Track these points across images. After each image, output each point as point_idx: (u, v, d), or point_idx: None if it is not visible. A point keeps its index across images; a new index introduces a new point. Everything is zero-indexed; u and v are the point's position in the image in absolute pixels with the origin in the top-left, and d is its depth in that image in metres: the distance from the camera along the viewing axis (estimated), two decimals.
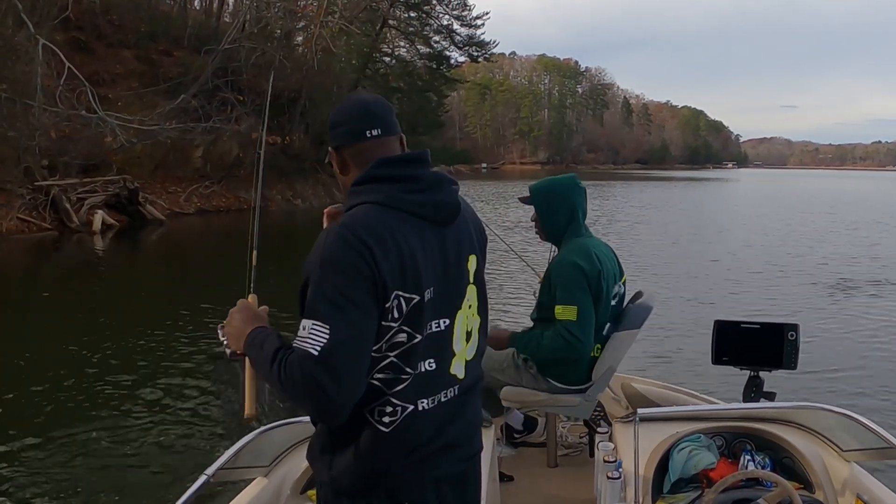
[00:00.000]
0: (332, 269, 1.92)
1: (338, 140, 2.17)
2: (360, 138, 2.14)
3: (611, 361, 4.01)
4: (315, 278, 1.93)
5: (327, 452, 2.10)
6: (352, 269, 1.92)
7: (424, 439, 2.10)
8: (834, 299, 13.67)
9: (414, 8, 45.51)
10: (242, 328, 2.12)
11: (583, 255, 3.95)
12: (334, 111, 2.23)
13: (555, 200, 4.13)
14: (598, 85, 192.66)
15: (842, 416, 3.31)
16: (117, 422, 7.09)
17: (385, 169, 2.09)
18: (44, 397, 7.75)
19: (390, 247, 1.96)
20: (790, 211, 38.42)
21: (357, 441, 2.05)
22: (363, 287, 1.92)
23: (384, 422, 2.04)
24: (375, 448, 2.05)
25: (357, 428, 2.04)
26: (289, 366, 1.89)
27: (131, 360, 9.10)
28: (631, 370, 5.13)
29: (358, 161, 2.13)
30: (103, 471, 6.04)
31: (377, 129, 2.14)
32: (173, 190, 30.21)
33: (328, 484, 2.12)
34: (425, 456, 2.11)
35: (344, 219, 2.01)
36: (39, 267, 18.38)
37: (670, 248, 21.58)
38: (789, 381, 5.62)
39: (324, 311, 1.89)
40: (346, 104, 2.23)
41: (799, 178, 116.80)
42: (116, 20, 32.65)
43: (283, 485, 3.47)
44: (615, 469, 3.36)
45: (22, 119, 23.15)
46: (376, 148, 2.13)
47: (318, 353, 1.85)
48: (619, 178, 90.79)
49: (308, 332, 1.88)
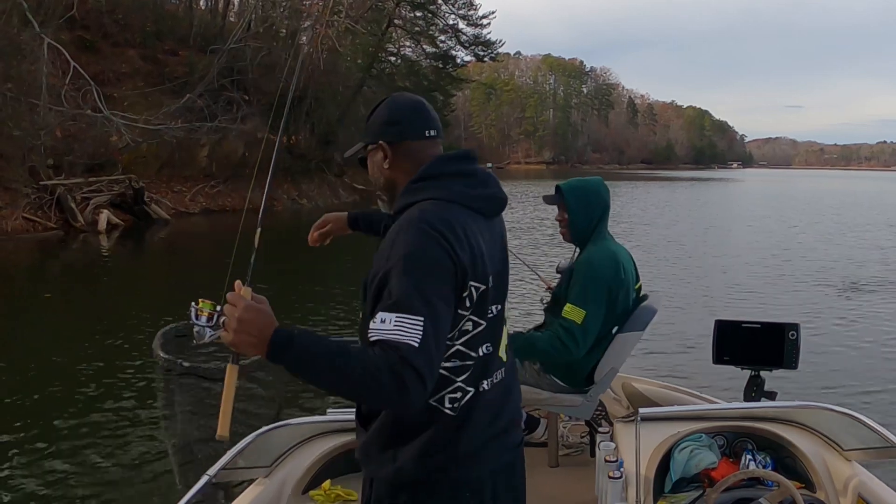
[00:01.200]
0: (417, 263, 1.96)
1: (392, 135, 2.25)
2: (419, 137, 2.26)
3: (614, 362, 4.01)
4: (399, 272, 1.95)
5: (391, 447, 2.13)
6: (436, 262, 1.99)
7: (485, 421, 2.19)
8: (835, 299, 13.68)
9: (420, 7, 45.44)
10: (265, 330, 1.87)
11: (610, 264, 3.98)
12: (387, 108, 2.30)
13: (592, 199, 4.11)
14: (603, 85, 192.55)
15: (843, 416, 3.31)
16: (120, 422, 7.09)
17: (447, 166, 2.22)
18: (45, 397, 7.78)
19: (464, 240, 2.04)
20: (793, 212, 38.35)
21: (425, 431, 2.11)
22: (447, 280, 2.00)
23: (452, 407, 2.12)
24: (444, 434, 2.12)
25: (425, 417, 2.10)
26: (372, 359, 1.83)
27: (134, 361, 9.10)
28: (632, 370, 5.13)
29: (410, 158, 2.24)
30: (106, 471, 6.04)
31: (434, 129, 2.28)
32: (179, 189, 30.21)
33: (389, 479, 2.15)
34: (484, 441, 2.18)
35: (419, 214, 2.06)
36: (44, 266, 18.41)
37: (673, 248, 21.55)
38: (790, 380, 5.61)
39: (414, 304, 1.90)
40: (401, 102, 2.32)
41: (804, 179, 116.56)
42: (122, 19, 32.66)
43: (284, 485, 3.48)
44: (616, 469, 3.35)
45: (27, 118, 23.15)
46: (430, 147, 2.27)
47: (420, 345, 1.86)
48: (624, 178, 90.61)
49: (396, 324, 1.88)
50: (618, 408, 4.77)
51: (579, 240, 4.16)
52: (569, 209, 4.11)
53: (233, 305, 1.89)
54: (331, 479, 3.61)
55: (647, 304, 4.16)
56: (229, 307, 1.89)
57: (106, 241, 22.04)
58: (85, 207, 23.66)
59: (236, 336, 1.86)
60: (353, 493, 3.57)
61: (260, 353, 1.86)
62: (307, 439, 3.64)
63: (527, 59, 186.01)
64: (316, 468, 3.59)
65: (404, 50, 49.11)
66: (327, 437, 3.69)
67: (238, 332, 1.86)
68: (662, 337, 9.83)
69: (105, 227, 23.39)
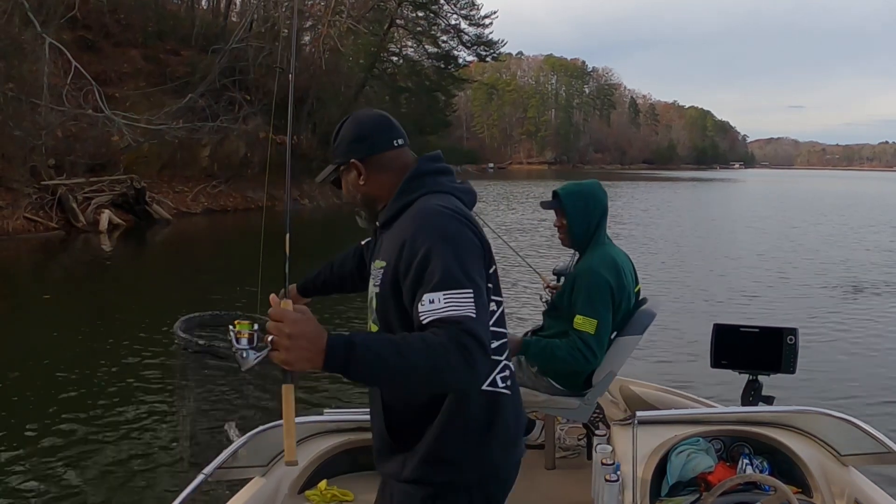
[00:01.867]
0: (454, 244, 2.03)
1: (362, 151, 2.31)
2: (389, 147, 2.32)
3: (612, 366, 4.01)
4: (438, 253, 1.99)
5: (473, 446, 2.18)
6: (470, 242, 2.08)
7: (520, 401, 2.36)
8: (835, 303, 13.64)
9: (422, 7, 45.42)
10: (317, 341, 1.78)
11: (611, 270, 3.96)
12: (352, 126, 2.36)
13: (590, 203, 4.09)
14: (605, 85, 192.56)
15: (840, 421, 3.31)
16: (120, 422, 7.09)
17: (431, 164, 2.31)
18: (46, 398, 7.76)
19: (476, 223, 2.18)
20: (795, 213, 38.32)
21: (497, 416, 2.21)
22: (480, 258, 2.09)
23: (506, 385, 2.24)
24: (509, 414, 2.25)
25: (487, 402, 2.19)
26: (435, 338, 1.83)
27: (137, 361, 9.11)
28: (630, 373, 5.13)
29: (384, 169, 2.30)
30: (103, 470, 6.03)
31: (401, 138, 2.35)
32: (180, 189, 30.23)
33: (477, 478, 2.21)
34: (518, 421, 2.33)
35: (435, 203, 2.15)
36: (46, 267, 18.40)
37: (673, 250, 21.51)
38: (788, 385, 5.61)
39: (460, 279, 1.95)
40: (365, 118, 2.38)
41: (805, 179, 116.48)
42: (123, 19, 32.72)
43: (280, 484, 3.49)
44: (613, 472, 3.35)
45: (28, 118, 23.18)
46: (401, 156, 2.33)
47: (476, 315, 1.90)
48: (626, 179, 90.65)
49: (446, 301, 1.90)
50: (615, 411, 4.77)
51: (578, 244, 4.15)
52: (567, 214, 4.10)
53: (278, 322, 1.79)
54: (327, 480, 3.62)
55: (646, 308, 4.15)
56: (275, 325, 1.79)
57: (107, 242, 22.02)
58: (86, 207, 23.66)
59: (290, 354, 1.77)
60: (348, 493, 3.57)
61: (317, 366, 1.78)
62: (304, 439, 3.64)
63: (529, 59, 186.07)
64: (312, 468, 3.59)
65: (406, 50, 49.12)
66: (324, 437, 3.70)
67: (291, 350, 1.77)
68: (661, 340, 9.82)
69: (106, 228, 23.37)
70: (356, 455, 3.65)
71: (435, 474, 2.18)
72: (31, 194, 22.67)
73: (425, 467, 2.18)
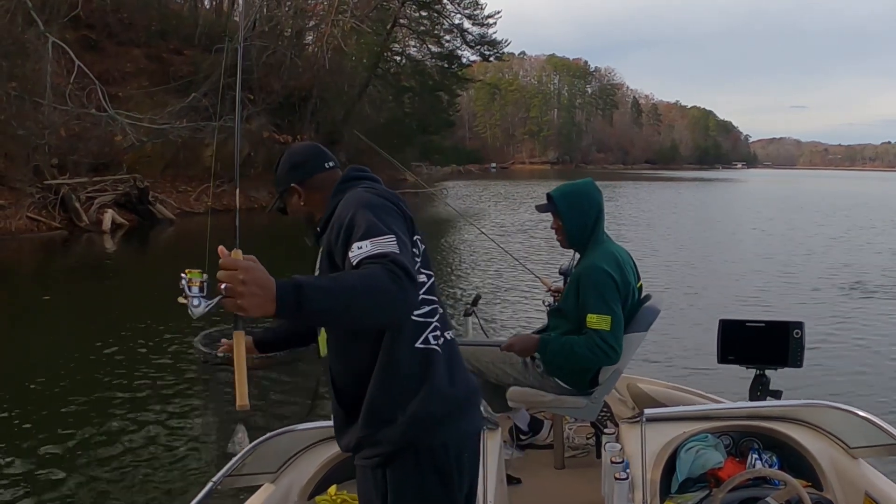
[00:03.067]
0: (373, 206, 2.23)
1: (301, 175, 2.63)
2: (322, 169, 2.64)
3: (618, 363, 4.00)
4: (361, 214, 2.18)
5: (406, 402, 2.29)
6: (387, 205, 2.31)
7: (463, 368, 2.48)
8: (841, 299, 13.65)
9: (425, 7, 45.38)
10: (269, 286, 1.81)
11: (613, 264, 3.95)
12: (287, 157, 2.69)
13: (584, 203, 4.08)
14: (607, 85, 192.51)
15: (849, 414, 3.29)
16: (125, 425, 7.07)
17: (358, 173, 2.58)
18: (48, 399, 7.76)
19: (400, 201, 2.39)
20: (798, 213, 38.26)
21: (430, 369, 2.32)
22: (399, 218, 2.29)
23: (437, 344, 2.36)
24: (443, 368, 2.36)
25: (420, 359, 2.32)
26: (366, 270, 1.96)
27: (141, 361, 9.10)
28: (636, 371, 5.12)
29: (320, 189, 2.59)
30: (109, 476, 6.01)
31: (332, 161, 2.68)
32: (183, 189, 30.23)
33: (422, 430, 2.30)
34: (468, 393, 2.45)
35: (351, 194, 2.36)
36: (48, 266, 18.42)
37: (677, 249, 21.49)
38: (795, 379, 5.60)
39: (381, 228, 2.12)
40: (298, 149, 2.73)
41: (808, 179, 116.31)
42: (127, 18, 32.73)
43: (290, 491, 3.48)
44: (622, 470, 3.35)
45: (31, 117, 23.20)
46: (333, 176, 2.62)
47: (400, 250, 2.05)
48: (628, 179, 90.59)
49: (372, 244, 2.05)
50: (623, 409, 4.77)
51: (577, 245, 4.15)
52: (562, 216, 4.09)
53: (231, 269, 1.80)
54: (337, 485, 3.60)
55: (650, 304, 4.14)
56: (227, 273, 1.80)
57: (110, 241, 22.06)
58: (89, 207, 23.70)
59: (245, 300, 1.78)
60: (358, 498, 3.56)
61: (268, 312, 1.81)
62: (313, 444, 3.62)
63: (531, 59, 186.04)
64: (322, 473, 3.58)
65: (409, 49, 49.11)
66: (333, 443, 3.66)
67: (246, 296, 1.78)
68: (667, 337, 9.82)
69: (109, 227, 23.43)
70: None
71: (375, 435, 2.30)
72: (34, 194, 22.71)
73: (366, 429, 2.31)
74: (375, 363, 2.28)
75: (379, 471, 2.32)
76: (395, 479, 2.31)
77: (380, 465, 2.31)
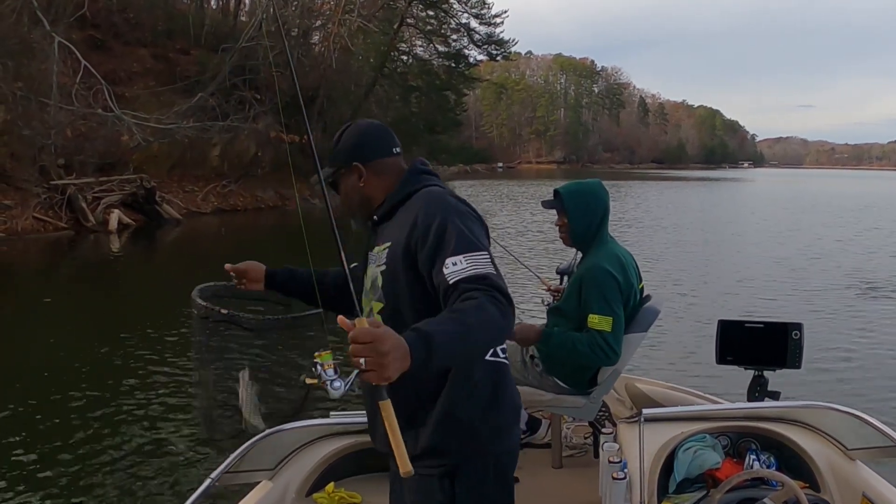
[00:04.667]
0: (463, 216, 2.27)
1: (368, 155, 2.53)
2: (389, 154, 2.55)
3: (617, 363, 4.00)
4: (453, 223, 2.21)
5: (481, 417, 2.34)
6: (472, 213, 2.33)
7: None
8: (841, 300, 13.63)
9: (432, 6, 45.25)
10: (402, 347, 1.79)
11: (616, 265, 3.95)
12: (355, 133, 2.58)
13: (591, 202, 4.07)
14: (614, 84, 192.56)
15: (847, 415, 3.29)
16: (126, 421, 7.12)
17: (426, 167, 2.56)
18: (49, 400, 7.77)
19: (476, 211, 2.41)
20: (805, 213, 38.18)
21: (501, 381, 2.40)
22: (481, 227, 2.31)
23: (504, 357, 2.42)
24: (510, 386, 2.45)
25: (493, 371, 2.38)
26: (471, 300, 2.00)
27: (145, 363, 9.11)
28: (635, 371, 5.12)
29: (383, 173, 2.52)
30: (109, 475, 6.02)
31: (398, 147, 2.59)
32: (190, 189, 30.27)
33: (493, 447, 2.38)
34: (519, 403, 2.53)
35: (440, 191, 2.40)
36: (55, 267, 18.45)
37: (679, 251, 21.44)
38: (794, 380, 5.60)
39: (475, 243, 2.17)
40: (367, 127, 2.60)
41: (815, 179, 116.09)
42: (133, 18, 32.71)
43: (287, 488, 3.49)
44: (620, 470, 3.35)
45: (37, 117, 23.21)
46: (398, 162, 2.56)
47: (496, 270, 2.12)
48: (635, 178, 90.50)
49: (468, 262, 2.10)
50: (621, 408, 4.76)
51: (580, 243, 4.14)
52: (568, 213, 4.08)
53: (367, 343, 1.74)
54: (334, 482, 3.61)
55: (650, 304, 4.14)
56: (365, 347, 1.73)
57: (117, 241, 22.10)
58: (96, 207, 23.72)
59: (389, 370, 1.74)
60: (356, 495, 3.57)
61: (405, 370, 1.78)
62: (311, 442, 3.63)
63: (538, 58, 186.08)
64: (319, 471, 3.59)
65: (416, 49, 48.99)
66: (331, 440, 3.69)
67: (388, 366, 1.74)
68: (666, 337, 9.83)
69: (116, 227, 23.46)
70: (364, 457, 3.64)
71: (451, 438, 2.31)
72: (40, 194, 22.74)
73: (441, 431, 2.31)
74: (445, 376, 2.30)
75: (446, 480, 2.32)
76: (464, 488, 2.32)
77: (447, 475, 2.32)
